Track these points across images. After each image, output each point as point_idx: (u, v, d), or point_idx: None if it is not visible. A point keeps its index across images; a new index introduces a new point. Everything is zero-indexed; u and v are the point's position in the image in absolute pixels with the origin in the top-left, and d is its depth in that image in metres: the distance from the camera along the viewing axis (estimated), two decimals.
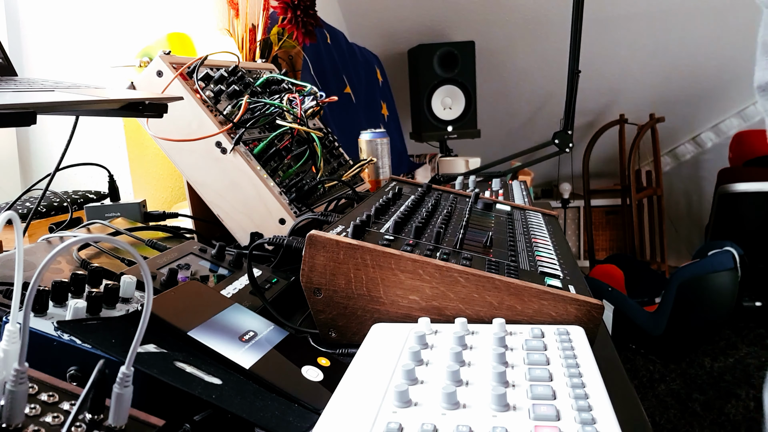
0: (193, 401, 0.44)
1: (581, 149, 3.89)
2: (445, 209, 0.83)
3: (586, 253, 4.03)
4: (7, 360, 0.34)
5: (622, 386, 0.60)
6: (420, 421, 0.39)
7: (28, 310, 0.32)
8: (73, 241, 0.35)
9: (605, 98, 3.78)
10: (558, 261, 0.73)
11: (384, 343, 0.54)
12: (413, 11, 3.50)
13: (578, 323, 0.58)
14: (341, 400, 0.44)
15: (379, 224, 0.72)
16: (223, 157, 0.94)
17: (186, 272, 0.75)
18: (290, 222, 0.93)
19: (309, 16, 1.67)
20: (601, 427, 0.38)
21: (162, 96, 0.86)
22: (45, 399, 0.37)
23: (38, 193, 0.99)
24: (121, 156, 1.43)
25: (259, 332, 0.58)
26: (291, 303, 0.78)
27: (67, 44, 1.41)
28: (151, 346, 0.48)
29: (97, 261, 0.74)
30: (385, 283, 0.62)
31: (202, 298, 0.61)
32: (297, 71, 1.88)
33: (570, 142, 1.96)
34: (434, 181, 1.53)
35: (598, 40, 2.28)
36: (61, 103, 0.60)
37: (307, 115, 1.12)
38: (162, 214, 1.08)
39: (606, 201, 4.03)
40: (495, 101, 3.76)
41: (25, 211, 1.03)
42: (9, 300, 0.56)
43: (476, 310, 0.61)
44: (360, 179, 1.28)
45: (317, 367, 0.56)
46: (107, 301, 0.56)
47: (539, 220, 0.94)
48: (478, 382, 0.45)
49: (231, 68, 1.08)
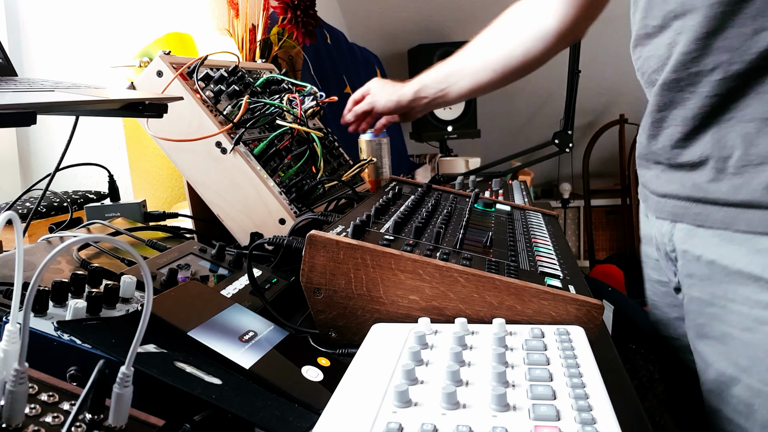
0: (193, 401, 0.44)
1: (581, 149, 3.89)
2: (445, 209, 0.83)
3: (586, 253, 4.03)
4: (7, 360, 0.34)
5: (622, 386, 0.60)
6: (420, 421, 0.39)
7: (28, 310, 0.32)
8: (73, 241, 0.35)
9: (605, 98, 3.78)
10: (558, 261, 0.73)
11: (384, 343, 0.54)
12: (413, 11, 3.50)
13: (578, 323, 0.58)
14: (341, 400, 0.44)
15: (379, 224, 0.72)
16: (223, 157, 0.94)
17: (186, 272, 0.75)
18: (290, 222, 0.93)
19: (309, 16, 1.67)
20: (601, 427, 0.38)
21: (162, 96, 0.86)
22: (45, 399, 0.37)
23: (38, 193, 0.99)
24: (121, 156, 1.43)
25: (259, 332, 0.58)
26: (291, 303, 0.78)
27: (67, 44, 1.41)
28: (151, 346, 0.48)
29: (97, 261, 0.74)
30: (385, 283, 0.62)
31: (202, 298, 0.61)
32: (297, 71, 1.88)
33: (570, 142, 1.96)
34: (434, 181, 1.53)
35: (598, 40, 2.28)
36: (61, 103, 0.60)
37: (307, 115, 1.12)
38: (162, 214, 1.07)
39: (606, 201, 4.03)
40: (495, 101, 3.76)
41: (25, 211, 1.03)
42: (9, 300, 0.56)
43: (476, 310, 0.61)
44: (360, 179, 1.28)
45: (317, 367, 0.56)
46: (107, 301, 0.56)
47: (539, 220, 0.94)
48: (478, 382, 0.45)
49: (231, 68, 1.08)
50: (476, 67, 1.12)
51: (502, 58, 1.08)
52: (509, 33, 1.08)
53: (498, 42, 1.09)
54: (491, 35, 1.11)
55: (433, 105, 1.20)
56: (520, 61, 1.07)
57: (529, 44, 1.05)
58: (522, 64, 1.07)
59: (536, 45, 1.05)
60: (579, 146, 3.84)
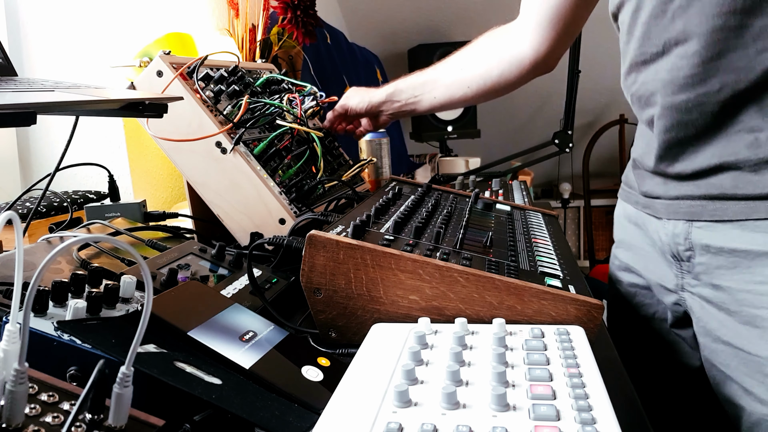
0: (193, 401, 0.44)
1: (581, 149, 3.89)
2: (445, 209, 0.83)
3: (586, 253, 4.03)
4: (7, 360, 0.34)
5: (622, 386, 0.60)
6: (420, 421, 0.39)
7: (28, 310, 0.32)
8: (73, 241, 0.35)
9: (605, 98, 3.78)
10: (558, 261, 0.73)
11: (384, 343, 0.54)
12: (413, 11, 3.50)
13: (578, 323, 0.58)
14: (341, 400, 0.44)
15: (379, 224, 0.72)
16: (223, 157, 0.94)
17: (186, 272, 0.75)
18: (290, 222, 0.93)
19: (309, 16, 1.67)
20: (601, 427, 0.38)
21: (162, 96, 0.86)
22: (45, 399, 0.37)
23: (38, 193, 0.99)
24: (121, 156, 1.43)
25: (259, 332, 0.58)
26: (291, 303, 0.78)
27: (67, 44, 1.41)
28: (151, 346, 0.48)
29: (97, 261, 0.74)
30: (385, 283, 0.62)
31: (202, 298, 0.61)
32: (297, 71, 1.88)
33: (570, 142, 1.96)
34: (434, 181, 1.53)
35: (598, 40, 2.28)
36: (61, 103, 0.60)
37: (307, 115, 1.12)
38: (162, 214, 1.07)
39: (606, 201, 4.03)
40: (495, 101, 3.76)
41: (25, 211, 1.03)
42: (9, 300, 0.56)
43: (476, 310, 0.61)
44: (360, 179, 1.28)
45: (317, 367, 0.56)
46: (107, 301, 0.56)
47: (539, 220, 0.94)
48: (478, 382, 0.45)
49: (231, 68, 1.08)
50: (452, 81, 1.14)
51: (478, 77, 1.11)
52: (488, 54, 1.11)
53: (476, 61, 1.12)
54: (471, 53, 1.14)
55: (403, 111, 1.21)
56: (494, 82, 1.10)
57: (505, 68, 1.09)
58: (496, 85, 1.11)
59: (511, 70, 1.08)
60: (579, 146, 3.84)
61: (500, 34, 1.11)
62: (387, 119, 1.25)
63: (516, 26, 1.08)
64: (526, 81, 1.10)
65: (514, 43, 1.07)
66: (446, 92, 1.15)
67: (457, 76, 1.13)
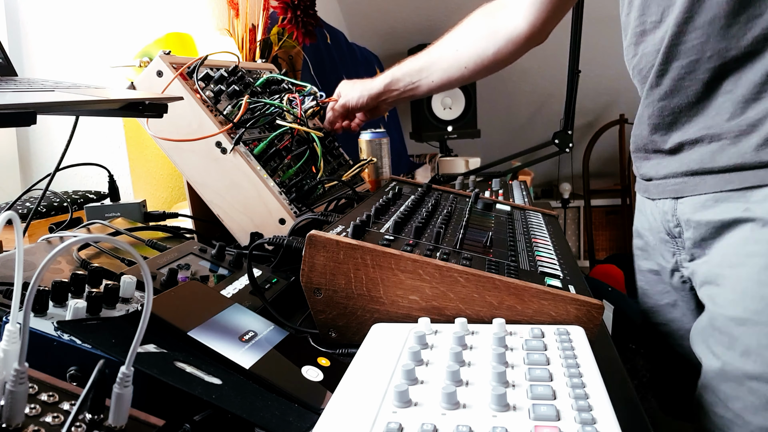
0: (193, 401, 0.44)
1: (581, 149, 3.89)
2: (445, 209, 0.83)
3: (586, 253, 4.03)
4: (7, 360, 0.34)
5: (622, 386, 0.60)
6: (420, 421, 0.39)
7: (28, 310, 0.32)
8: (73, 241, 0.35)
9: (605, 98, 3.77)
10: (558, 261, 0.73)
11: (384, 343, 0.54)
12: (413, 11, 3.49)
13: (578, 323, 0.58)
14: (341, 400, 0.44)
15: (379, 224, 0.72)
16: (223, 157, 0.94)
17: (186, 272, 0.75)
18: (290, 222, 0.93)
19: (309, 16, 1.67)
20: (601, 427, 0.38)
21: (162, 96, 0.86)
22: (45, 399, 0.37)
23: (38, 193, 0.99)
24: (121, 156, 1.43)
25: (259, 332, 0.58)
26: (291, 303, 0.78)
27: (67, 44, 1.41)
28: (151, 346, 0.48)
29: (97, 261, 0.74)
30: (385, 283, 0.62)
31: (202, 298, 0.61)
32: (297, 71, 1.88)
33: (570, 142, 1.96)
34: (434, 181, 1.53)
35: (598, 40, 2.28)
36: (61, 103, 0.60)
37: (307, 115, 1.12)
38: (162, 214, 1.07)
39: (606, 201, 4.03)
40: (495, 101, 3.76)
41: (25, 211, 1.03)
42: (9, 300, 0.56)
43: (476, 310, 0.61)
44: (360, 179, 1.28)
45: (317, 367, 0.56)
46: (107, 301, 0.56)
47: (539, 220, 0.94)
48: (478, 382, 0.45)
49: (231, 68, 1.08)
50: (449, 63, 1.16)
51: (475, 56, 1.13)
52: (483, 33, 1.12)
53: (471, 41, 1.13)
54: (465, 33, 1.15)
55: (402, 98, 1.22)
56: (490, 60, 1.12)
57: (501, 45, 1.10)
58: (492, 62, 1.12)
59: (507, 46, 1.10)
60: (579, 146, 3.84)
61: (494, 11, 1.12)
62: (384, 109, 1.26)
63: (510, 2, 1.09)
64: (521, 55, 1.12)
65: (509, 19, 1.09)
66: (444, 75, 1.16)
67: (454, 57, 1.15)
